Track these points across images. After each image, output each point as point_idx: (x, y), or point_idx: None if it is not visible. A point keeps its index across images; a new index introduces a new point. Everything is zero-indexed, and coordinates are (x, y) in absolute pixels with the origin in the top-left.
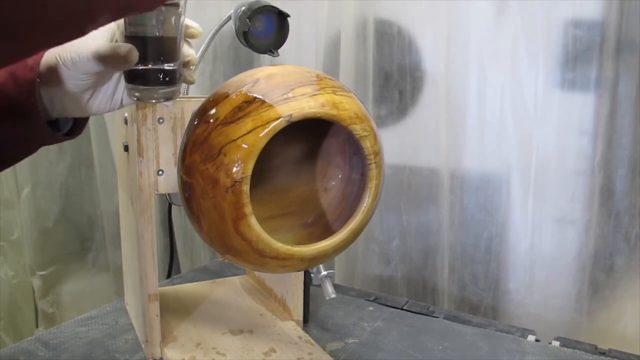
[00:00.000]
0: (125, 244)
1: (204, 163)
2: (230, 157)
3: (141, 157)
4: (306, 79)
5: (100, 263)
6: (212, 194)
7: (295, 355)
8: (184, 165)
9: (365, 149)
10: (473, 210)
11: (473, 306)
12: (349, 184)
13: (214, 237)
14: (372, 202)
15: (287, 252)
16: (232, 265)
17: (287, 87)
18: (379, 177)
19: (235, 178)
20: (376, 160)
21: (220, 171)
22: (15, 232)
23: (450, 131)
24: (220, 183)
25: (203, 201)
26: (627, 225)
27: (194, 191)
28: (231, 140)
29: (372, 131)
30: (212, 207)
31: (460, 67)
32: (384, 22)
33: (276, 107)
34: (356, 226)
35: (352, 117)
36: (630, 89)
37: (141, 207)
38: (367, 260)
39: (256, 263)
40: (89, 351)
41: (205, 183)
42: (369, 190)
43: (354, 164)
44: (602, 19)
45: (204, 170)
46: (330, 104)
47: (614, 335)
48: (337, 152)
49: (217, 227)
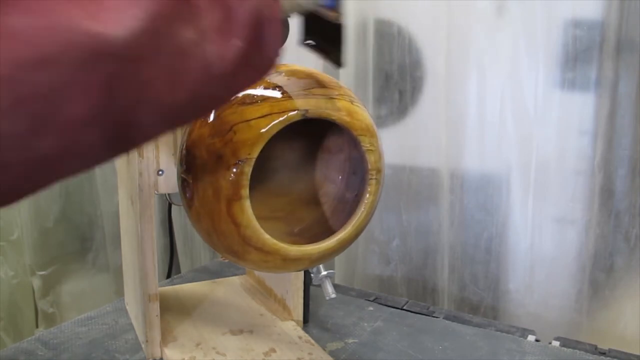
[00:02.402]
0: (125, 244)
1: (212, 137)
2: (239, 136)
3: (141, 157)
4: (327, 82)
5: (100, 263)
6: (213, 169)
7: (295, 355)
8: (190, 138)
9: (369, 163)
10: (473, 210)
11: (473, 306)
12: (342, 201)
13: (203, 214)
14: (365, 217)
15: (272, 246)
16: (232, 265)
17: (307, 84)
18: (376, 194)
19: (240, 157)
20: (377, 177)
21: (226, 148)
22: (15, 232)
23: (450, 131)
24: (224, 159)
25: (202, 175)
26: (627, 225)
27: (194, 164)
28: (244, 120)
29: (378, 148)
30: (210, 182)
31: (460, 67)
32: (384, 22)
33: (294, 100)
34: (344, 237)
35: (363, 128)
36: (630, 89)
37: (141, 207)
38: (367, 260)
39: (237, 250)
40: (89, 351)
41: (208, 157)
42: (364, 204)
43: (350, 183)
44: (602, 19)
45: (210, 145)
46: (345, 111)
47: (614, 335)
48: (336, 169)
49: (209, 204)
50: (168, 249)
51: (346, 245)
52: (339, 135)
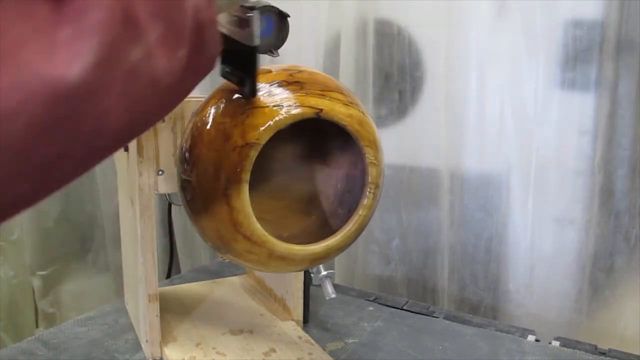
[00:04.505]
0: (125, 244)
1: (224, 117)
2: (251, 120)
3: (141, 157)
4: (344, 89)
5: (100, 263)
6: (218, 147)
7: (295, 355)
8: (200, 114)
9: (370, 176)
10: (473, 210)
11: (473, 306)
12: (333, 216)
13: (199, 192)
14: (356, 230)
15: (260, 237)
16: (232, 265)
17: (325, 86)
18: (370, 209)
19: (248, 140)
20: (374, 192)
21: (236, 128)
22: (15, 232)
23: (450, 131)
24: (232, 140)
25: (206, 152)
26: (627, 225)
27: (200, 139)
28: (260, 107)
29: (381, 164)
30: (212, 160)
31: (460, 67)
32: (384, 22)
33: (311, 98)
34: (332, 244)
35: (370, 140)
36: (630, 89)
37: (141, 207)
38: (367, 260)
39: (224, 235)
40: (89, 351)
41: (216, 134)
42: (358, 216)
43: (344, 200)
44: (602, 19)
45: (221, 123)
46: (357, 120)
47: (614, 335)
48: (332, 185)
49: (207, 182)
50: (168, 249)
51: (334, 253)
52: (340, 152)
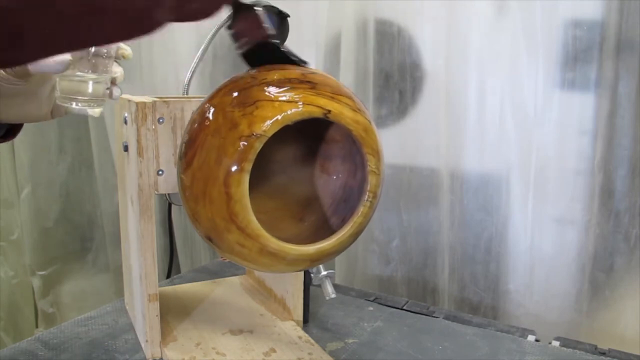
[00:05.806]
0: (125, 244)
1: (232, 106)
2: (260, 112)
3: (141, 157)
4: (353, 96)
5: (100, 263)
6: (224, 134)
7: (295, 355)
8: (211, 101)
9: (370, 184)
10: (473, 210)
11: (473, 306)
12: (326, 224)
13: (199, 177)
14: (350, 236)
15: (255, 230)
16: (232, 265)
17: (336, 89)
18: (366, 217)
19: (255, 131)
20: (372, 201)
21: (244, 118)
22: (15, 232)
23: (450, 131)
24: (239, 129)
25: (211, 138)
26: (627, 225)
27: (207, 126)
28: (270, 100)
29: (381, 174)
30: (216, 147)
31: (460, 67)
32: (384, 22)
33: (321, 98)
34: (325, 247)
35: (374, 149)
36: (630, 89)
37: (141, 207)
38: (367, 260)
39: (218, 224)
40: (89, 351)
41: (224, 122)
42: (353, 223)
43: (339, 209)
44: (602, 19)
45: (229, 112)
46: (363, 126)
47: (614, 335)
48: (329, 193)
49: (208, 168)
50: (168, 249)
51: (325, 257)
52: (341, 161)
